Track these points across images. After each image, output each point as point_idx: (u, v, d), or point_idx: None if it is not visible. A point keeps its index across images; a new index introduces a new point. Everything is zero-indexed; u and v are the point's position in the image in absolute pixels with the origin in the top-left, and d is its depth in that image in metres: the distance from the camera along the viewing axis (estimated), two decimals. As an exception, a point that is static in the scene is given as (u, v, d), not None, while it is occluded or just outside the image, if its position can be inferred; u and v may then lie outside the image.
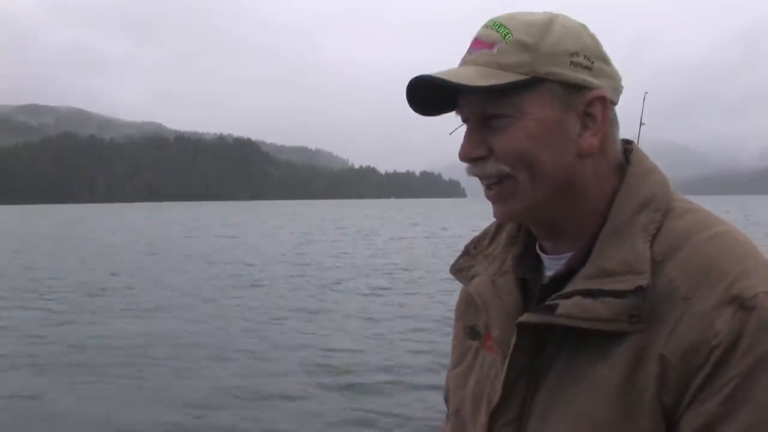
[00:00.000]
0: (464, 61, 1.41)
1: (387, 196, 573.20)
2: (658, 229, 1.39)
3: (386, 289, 23.84)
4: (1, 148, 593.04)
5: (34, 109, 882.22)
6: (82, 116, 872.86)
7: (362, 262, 33.59)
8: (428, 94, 1.43)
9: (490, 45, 1.38)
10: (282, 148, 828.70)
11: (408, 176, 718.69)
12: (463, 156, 1.41)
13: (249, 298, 22.24)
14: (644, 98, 3.56)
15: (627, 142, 1.51)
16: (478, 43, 1.40)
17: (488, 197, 1.45)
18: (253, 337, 16.12)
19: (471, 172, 1.45)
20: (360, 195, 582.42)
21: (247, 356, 14.22)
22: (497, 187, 1.40)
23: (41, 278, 27.99)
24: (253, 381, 12.20)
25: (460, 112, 1.46)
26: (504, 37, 1.36)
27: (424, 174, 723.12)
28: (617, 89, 1.44)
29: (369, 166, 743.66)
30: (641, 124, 3.45)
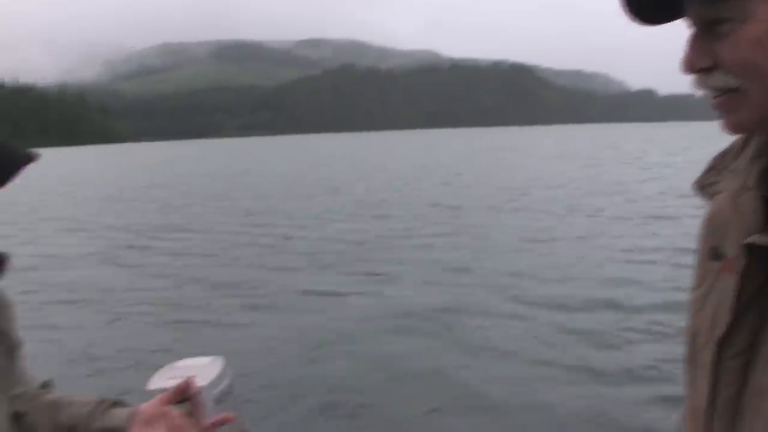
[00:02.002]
0: None
1: (665, 120, 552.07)
2: None
3: (653, 216, 22.40)
4: (285, 82, 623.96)
5: (313, 43, 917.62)
6: (359, 47, 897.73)
7: (630, 188, 31.94)
8: (652, 1, 1.26)
9: None
10: (558, 73, 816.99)
11: (689, 98, 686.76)
12: (686, 67, 1.28)
13: (507, 225, 21.79)
14: None
15: None
16: None
17: (713, 107, 1.25)
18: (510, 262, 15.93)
19: (698, 85, 1.26)
20: (636, 119, 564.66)
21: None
22: (724, 98, 1.26)
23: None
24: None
25: (686, 18, 1.23)
26: None
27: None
28: None
29: (647, 88, 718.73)
30: None
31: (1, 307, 1.77)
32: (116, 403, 1.82)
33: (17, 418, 1.70)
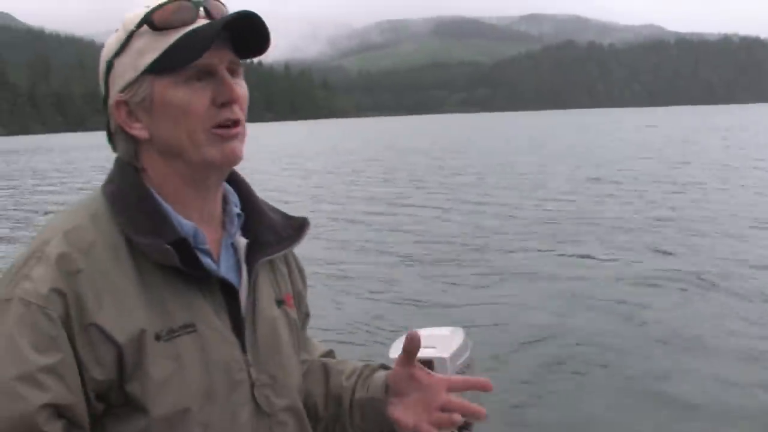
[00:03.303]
0: None
1: None
2: None
3: None
4: (504, 58, 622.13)
5: (534, 19, 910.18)
6: (580, 23, 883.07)
7: None
8: None
9: None
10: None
11: None
12: None
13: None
14: None
15: None
16: None
17: None
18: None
19: None
20: None
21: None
22: None
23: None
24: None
25: None
26: None
27: None
28: None
29: None
30: None
31: (301, 272, 1.78)
32: (379, 368, 1.82)
33: None
